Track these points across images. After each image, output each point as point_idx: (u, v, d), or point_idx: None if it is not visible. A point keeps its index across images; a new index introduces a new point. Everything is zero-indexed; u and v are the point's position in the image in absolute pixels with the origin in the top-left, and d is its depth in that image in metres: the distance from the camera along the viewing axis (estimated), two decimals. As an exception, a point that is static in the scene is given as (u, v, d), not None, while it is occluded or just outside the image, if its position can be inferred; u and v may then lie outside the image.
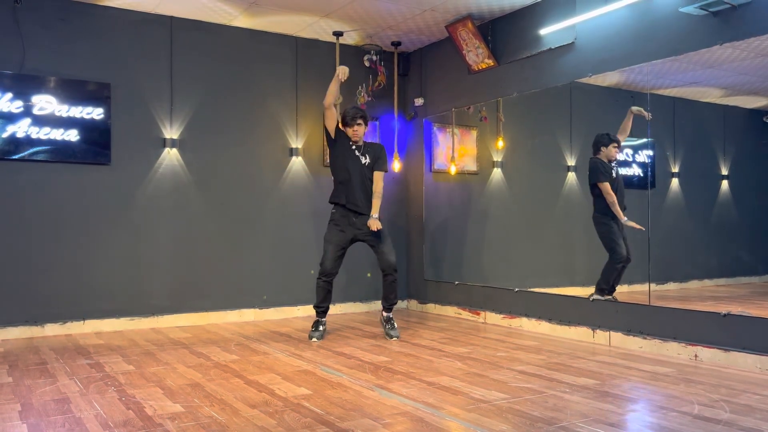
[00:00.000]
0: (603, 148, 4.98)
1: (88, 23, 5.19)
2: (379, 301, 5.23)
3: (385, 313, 4.92)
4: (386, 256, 4.75)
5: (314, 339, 4.72)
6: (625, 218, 4.86)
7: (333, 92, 4.66)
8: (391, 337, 4.80)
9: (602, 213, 4.96)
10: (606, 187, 4.93)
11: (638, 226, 4.69)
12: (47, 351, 4.40)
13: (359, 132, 4.77)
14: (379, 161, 4.83)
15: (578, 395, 3.18)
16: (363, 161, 4.79)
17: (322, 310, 4.85)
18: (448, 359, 4.07)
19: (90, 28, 5.20)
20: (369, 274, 4.76)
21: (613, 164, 4.96)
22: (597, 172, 4.98)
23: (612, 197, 4.91)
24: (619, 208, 4.88)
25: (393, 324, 4.89)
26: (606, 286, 4.85)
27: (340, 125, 4.84)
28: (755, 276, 5.52)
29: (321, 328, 4.81)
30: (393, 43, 6.29)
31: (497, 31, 5.55)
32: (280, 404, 3.04)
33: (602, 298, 4.79)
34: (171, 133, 5.51)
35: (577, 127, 5.59)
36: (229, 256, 5.74)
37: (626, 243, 4.88)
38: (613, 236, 4.90)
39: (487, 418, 2.81)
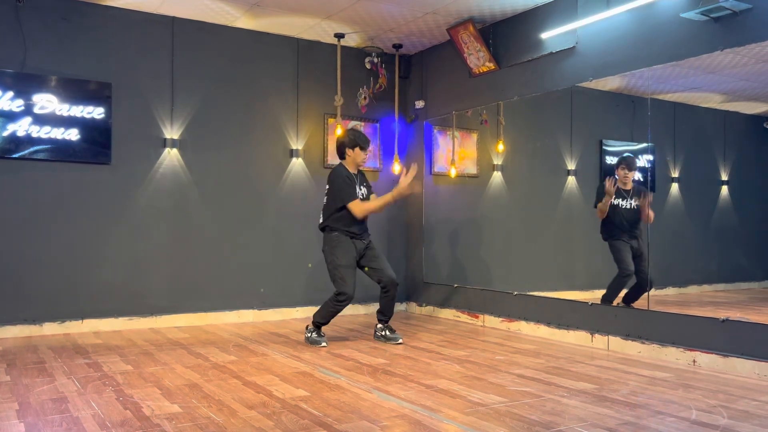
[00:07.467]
0: (616, 170, 5.06)
1: (90, 23, 5.20)
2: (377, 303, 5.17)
3: (381, 325, 4.82)
4: (388, 271, 4.66)
5: (324, 344, 4.57)
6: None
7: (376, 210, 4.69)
8: (397, 341, 4.71)
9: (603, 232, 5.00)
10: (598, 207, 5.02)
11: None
12: (45, 350, 4.40)
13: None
14: (372, 192, 4.86)
15: (576, 399, 3.18)
16: (362, 194, 4.71)
17: (322, 326, 4.74)
18: (447, 362, 4.07)
19: (92, 28, 5.21)
20: (366, 269, 4.74)
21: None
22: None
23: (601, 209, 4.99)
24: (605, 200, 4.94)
25: (392, 328, 4.84)
26: (612, 299, 4.80)
27: (350, 151, 4.69)
28: (754, 282, 5.52)
29: (323, 334, 4.70)
30: (394, 46, 6.29)
31: (498, 35, 5.56)
32: (277, 405, 3.04)
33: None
34: (171, 133, 5.52)
35: (577, 131, 5.59)
36: (228, 257, 5.74)
37: (642, 260, 4.80)
38: (616, 252, 4.90)
39: (484, 421, 2.81)
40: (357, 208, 4.56)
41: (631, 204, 4.89)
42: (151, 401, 3.10)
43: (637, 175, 5.00)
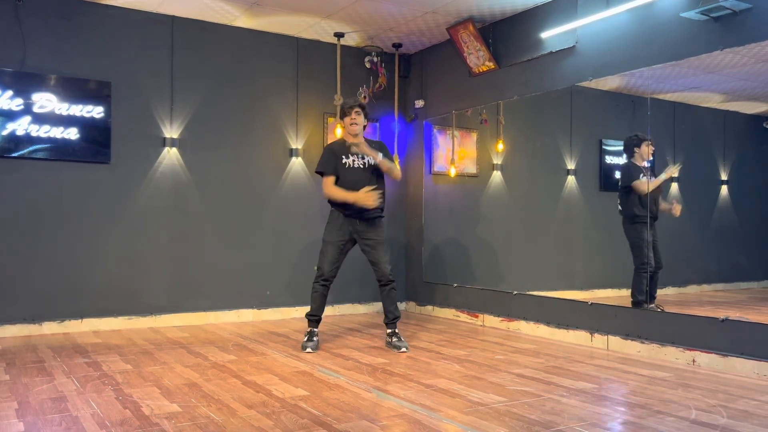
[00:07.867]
0: (636, 149, 4.84)
1: (90, 22, 5.19)
2: (378, 303, 5.09)
3: (389, 330, 4.53)
4: (382, 265, 4.45)
5: (308, 349, 4.35)
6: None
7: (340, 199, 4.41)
8: (399, 349, 4.40)
9: (628, 217, 4.85)
10: (637, 185, 4.81)
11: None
12: (45, 349, 4.39)
13: (357, 121, 4.41)
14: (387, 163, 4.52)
15: (576, 399, 3.18)
16: (363, 167, 4.45)
17: (316, 320, 4.49)
18: (446, 362, 4.07)
19: (91, 27, 5.20)
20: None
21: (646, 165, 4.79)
22: (628, 174, 4.87)
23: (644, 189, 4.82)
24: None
25: (399, 336, 4.52)
26: (641, 297, 4.62)
27: (342, 123, 4.67)
28: (754, 281, 5.52)
29: (315, 338, 4.44)
30: (394, 45, 6.29)
31: (498, 34, 5.55)
32: (277, 405, 3.04)
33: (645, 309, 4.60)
34: (171, 132, 5.51)
35: (577, 130, 5.59)
36: (227, 257, 5.73)
37: (656, 249, 4.70)
38: (637, 239, 4.71)
39: (484, 421, 2.81)
40: (324, 185, 4.47)
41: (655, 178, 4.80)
42: (151, 400, 3.10)
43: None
